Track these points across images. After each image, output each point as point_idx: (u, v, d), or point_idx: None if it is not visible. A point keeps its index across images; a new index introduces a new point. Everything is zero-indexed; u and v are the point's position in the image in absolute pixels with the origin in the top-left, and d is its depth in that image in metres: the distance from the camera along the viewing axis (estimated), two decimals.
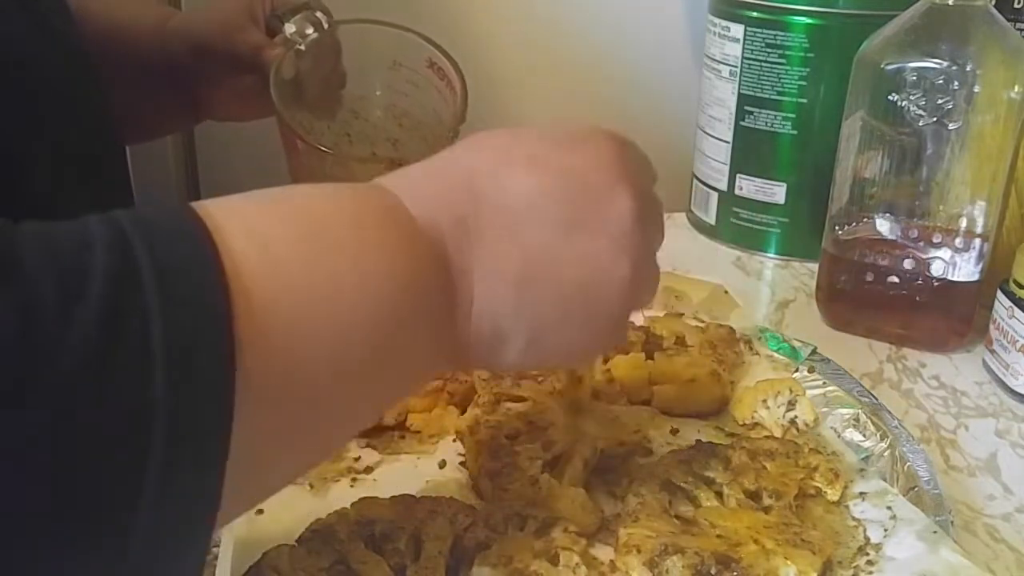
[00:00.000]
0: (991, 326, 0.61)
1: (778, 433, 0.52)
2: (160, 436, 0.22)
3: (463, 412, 0.52)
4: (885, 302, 0.65)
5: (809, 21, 0.72)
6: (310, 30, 0.57)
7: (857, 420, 0.52)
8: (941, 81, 0.59)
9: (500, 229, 0.31)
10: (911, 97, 0.60)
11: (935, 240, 0.63)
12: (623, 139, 0.36)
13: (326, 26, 0.58)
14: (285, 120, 0.55)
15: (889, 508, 0.45)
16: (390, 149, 0.58)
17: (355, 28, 0.59)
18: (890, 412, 0.53)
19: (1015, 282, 0.59)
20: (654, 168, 0.37)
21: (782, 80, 0.73)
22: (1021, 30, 0.67)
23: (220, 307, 0.23)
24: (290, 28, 0.57)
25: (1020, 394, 0.59)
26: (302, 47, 0.57)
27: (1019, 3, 0.67)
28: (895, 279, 0.64)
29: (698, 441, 0.50)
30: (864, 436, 0.52)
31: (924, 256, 0.63)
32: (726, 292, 0.66)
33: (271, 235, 0.26)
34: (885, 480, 0.48)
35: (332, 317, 0.26)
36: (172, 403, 0.22)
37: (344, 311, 0.27)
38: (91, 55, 0.52)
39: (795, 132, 0.75)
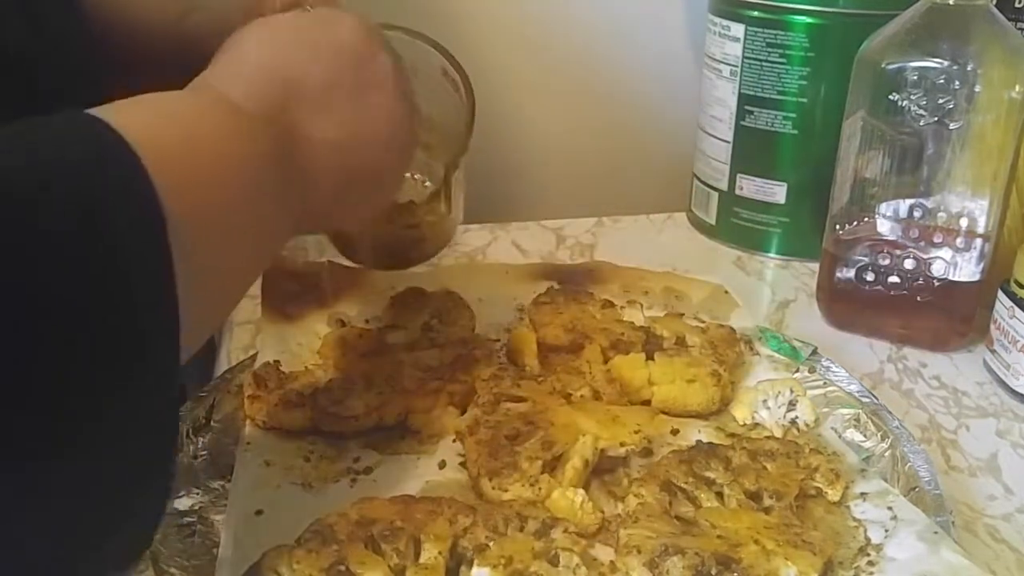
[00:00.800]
0: (992, 326, 0.61)
1: (779, 433, 0.52)
2: (129, 283, 0.28)
3: (463, 412, 0.52)
4: (886, 302, 0.65)
5: (810, 20, 0.72)
6: None
7: (858, 420, 0.52)
8: (942, 81, 0.59)
9: (310, 111, 0.40)
10: (912, 97, 0.60)
11: (936, 240, 0.63)
12: (353, 12, 0.44)
13: None
14: None
15: (890, 508, 0.45)
16: (422, 155, 0.57)
17: None
18: (891, 412, 0.53)
19: (1016, 282, 0.59)
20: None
21: (783, 80, 0.73)
22: (1022, 30, 0.66)
23: (150, 194, 0.30)
24: None
25: (1021, 394, 0.59)
26: None
27: (1020, 3, 0.67)
28: (896, 279, 0.64)
29: (698, 441, 0.50)
30: (865, 436, 0.52)
31: (925, 256, 0.63)
32: (726, 292, 0.66)
33: (160, 136, 0.33)
34: (886, 480, 0.48)
35: (214, 182, 0.34)
36: (129, 259, 0.29)
37: (222, 173, 0.35)
38: (94, 57, 0.52)
39: (796, 132, 0.75)
